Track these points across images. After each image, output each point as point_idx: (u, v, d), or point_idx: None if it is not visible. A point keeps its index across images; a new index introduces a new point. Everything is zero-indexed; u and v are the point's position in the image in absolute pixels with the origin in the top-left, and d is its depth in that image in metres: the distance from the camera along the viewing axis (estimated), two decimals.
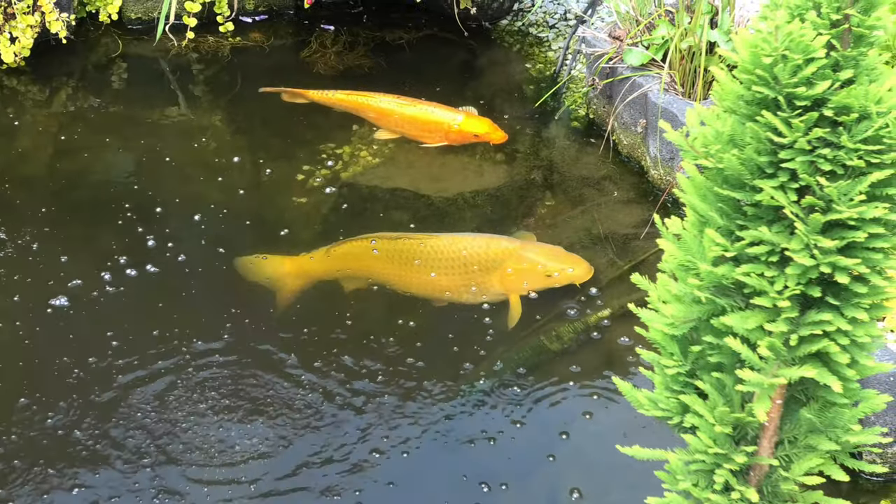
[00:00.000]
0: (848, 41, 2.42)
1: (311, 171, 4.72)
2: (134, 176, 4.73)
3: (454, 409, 3.83)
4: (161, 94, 5.22)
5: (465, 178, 4.79)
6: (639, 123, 4.65)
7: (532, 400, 3.86)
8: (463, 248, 4.27)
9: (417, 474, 3.63)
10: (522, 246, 4.29)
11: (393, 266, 4.27)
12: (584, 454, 3.68)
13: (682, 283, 2.65)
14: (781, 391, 2.67)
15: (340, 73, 5.29)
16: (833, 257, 2.44)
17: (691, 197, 2.59)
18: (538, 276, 4.20)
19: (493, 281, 4.20)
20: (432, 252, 4.27)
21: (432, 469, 3.65)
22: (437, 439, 3.74)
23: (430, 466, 3.66)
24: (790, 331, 2.53)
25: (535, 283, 4.20)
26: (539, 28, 5.48)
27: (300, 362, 3.94)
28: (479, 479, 3.61)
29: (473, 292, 4.19)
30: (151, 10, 5.46)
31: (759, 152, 2.44)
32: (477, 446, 3.71)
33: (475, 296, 4.19)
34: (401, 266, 4.27)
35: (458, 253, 4.25)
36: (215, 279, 4.26)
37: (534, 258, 4.25)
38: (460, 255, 4.25)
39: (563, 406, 3.84)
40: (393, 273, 4.26)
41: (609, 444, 3.15)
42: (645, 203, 4.59)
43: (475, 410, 3.82)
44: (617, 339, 4.02)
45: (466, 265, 4.23)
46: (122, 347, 3.98)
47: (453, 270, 4.22)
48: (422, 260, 4.25)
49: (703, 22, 4.45)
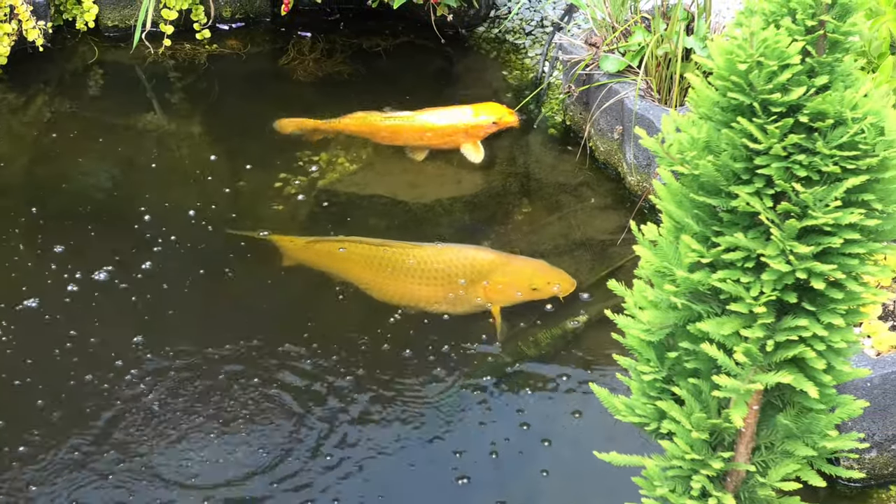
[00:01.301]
0: (823, 47, 2.42)
1: (289, 178, 4.70)
2: (110, 183, 4.71)
3: (432, 416, 3.81)
4: (138, 102, 5.20)
5: (443, 185, 4.78)
6: (615, 130, 4.64)
7: (509, 406, 3.85)
8: (448, 259, 4.26)
9: (394, 479, 3.62)
10: (508, 258, 4.29)
11: (373, 272, 4.26)
12: (562, 459, 3.67)
13: (658, 289, 2.65)
14: (758, 397, 2.67)
15: (320, 80, 5.28)
16: (809, 263, 2.44)
17: (667, 203, 2.58)
18: (522, 289, 4.19)
19: (476, 292, 4.19)
20: (416, 261, 4.25)
21: (409, 474, 3.64)
22: (415, 445, 3.72)
23: (408, 471, 3.65)
24: (766, 336, 2.52)
25: (518, 295, 4.19)
26: (516, 35, 5.47)
27: (278, 367, 3.93)
28: (457, 483, 3.60)
29: (455, 303, 4.17)
30: (128, 17, 5.44)
31: (735, 158, 2.44)
32: (455, 452, 3.70)
33: (456, 307, 4.17)
34: (382, 273, 4.26)
35: (444, 263, 4.24)
36: (192, 285, 4.24)
37: (519, 271, 4.24)
38: (445, 265, 4.24)
39: (541, 412, 3.83)
40: (372, 279, 4.24)
41: (587, 450, 3.14)
42: (622, 209, 4.59)
43: (452, 416, 3.81)
44: (594, 345, 4.02)
45: (451, 276, 4.21)
46: (96, 353, 3.96)
47: (437, 281, 4.21)
48: (405, 268, 4.24)
49: (679, 28, 4.45)
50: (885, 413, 3.49)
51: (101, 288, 4.20)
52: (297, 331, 4.08)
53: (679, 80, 4.46)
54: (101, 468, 3.62)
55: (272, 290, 4.24)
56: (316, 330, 4.09)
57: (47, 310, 4.11)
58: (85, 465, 3.63)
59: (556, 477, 3.63)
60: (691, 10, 4.61)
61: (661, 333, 2.68)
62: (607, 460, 2.86)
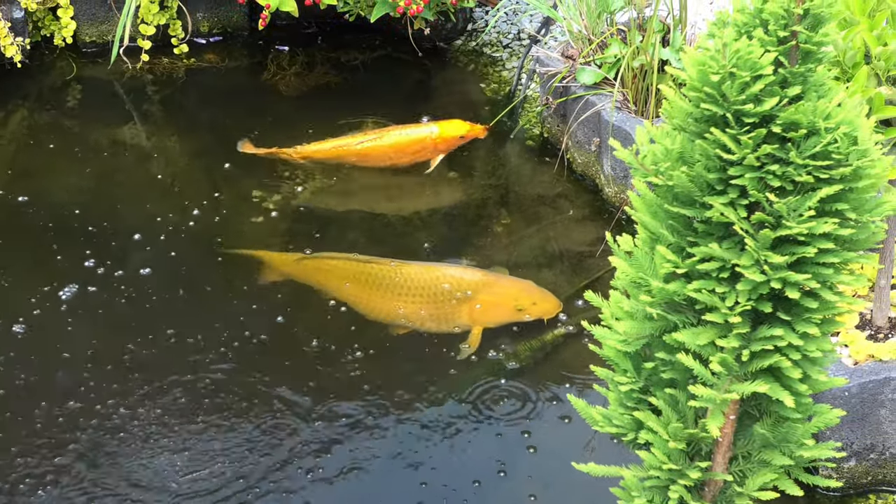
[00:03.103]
0: (796, 58, 2.43)
1: (267, 193, 4.70)
2: (89, 198, 4.70)
3: (412, 428, 3.81)
4: (116, 117, 5.19)
5: (421, 198, 4.77)
6: (592, 142, 4.65)
7: (490, 418, 3.84)
8: (435, 277, 4.25)
9: (374, 493, 3.61)
10: (495, 279, 4.28)
11: (360, 289, 4.25)
12: (541, 471, 3.67)
13: (634, 300, 2.65)
14: (734, 406, 2.67)
15: (300, 94, 5.28)
16: (783, 273, 2.44)
17: (642, 214, 2.58)
18: (508, 310, 4.18)
19: (462, 312, 4.17)
20: (404, 279, 4.24)
21: (389, 486, 3.63)
22: (396, 458, 3.72)
23: (388, 484, 3.64)
24: (742, 346, 2.53)
25: (504, 316, 4.18)
26: (493, 48, 5.48)
27: (260, 382, 3.92)
28: (437, 496, 3.59)
29: (439, 322, 4.16)
30: (106, 32, 5.43)
31: (709, 169, 2.44)
32: (435, 465, 3.69)
33: (441, 325, 4.16)
34: (368, 289, 4.24)
35: (431, 282, 4.23)
36: (172, 301, 4.23)
37: (505, 291, 4.24)
38: (433, 283, 4.23)
39: (520, 423, 3.83)
40: (359, 295, 4.23)
41: (566, 461, 3.14)
42: (600, 220, 4.59)
43: (432, 429, 3.81)
44: (573, 357, 4.02)
45: (437, 294, 4.20)
46: (75, 370, 3.95)
47: (424, 299, 4.20)
48: (392, 286, 4.23)
49: (655, 40, 4.46)
50: (863, 422, 3.49)
51: (78, 302, 4.18)
52: (277, 345, 4.08)
53: (655, 92, 4.47)
54: (78, 485, 3.61)
55: (253, 305, 4.23)
56: (295, 345, 4.09)
57: (26, 324, 4.10)
58: (63, 481, 3.62)
59: (536, 487, 3.62)
60: (667, 22, 4.62)
61: (637, 344, 2.68)
62: (585, 471, 2.86)
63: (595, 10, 4.65)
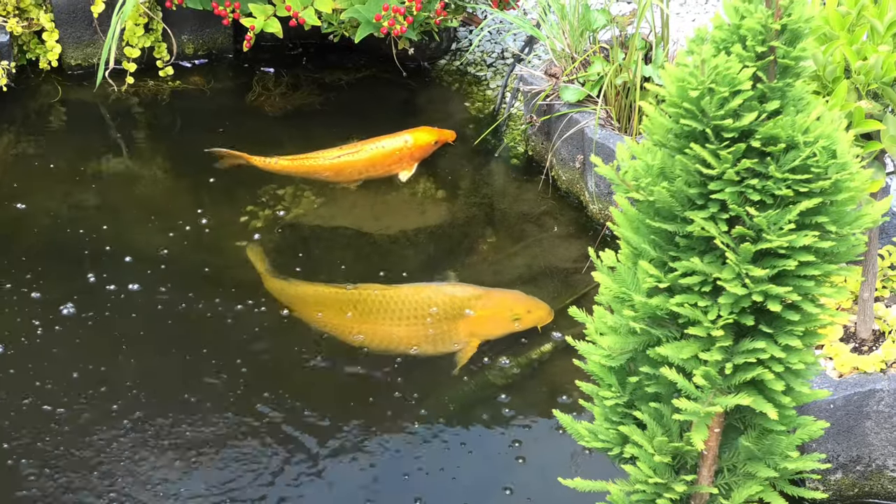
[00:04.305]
0: (774, 73, 2.45)
1: (254, 213, 4.71)
2: (74, 222, 4.70)
3: (401, 445, 3.81)
4: (102, 139, 5.20)
5: (407, 217, 4.79)
6: (577, 159, 4.67)
7: (478, 435, 3.85)
8: (426, 297, 4.25)
9: None
10: (486, 292, 4.29)
11: (348, 318, 4.24)
12: (528, 487, 3.68)
13: (617, 315, 2.67)
14: (719, 419, 2.69)
15: (286, 114, 5.29)
16: (765, 286, 2.46)
17: (624, 230, 2.60)
18: (504, 321, 4.19)
19: (459, 329, 4.18)
20: (394, 303, 4.24)
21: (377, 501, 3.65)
22: (384, 474, 3.72)
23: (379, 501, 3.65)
24: (725, 359, 2.54)
25: (501, 328, 4.19)
26: (477, 67, 5.50)
27: (246, 403, 3.93)
28: None
29: (436, 342, 4.16)
30: (91, 55, 5.44)
31: (689, 184, 2.46)
32: (425, 481, 3.70)
33: (438, 346, 4.16)
34: (357, 316, 4.24)
35: (422, 302, 4.23)
36: (159, 325, 4.23)
37: (499, 303, 4.25)
38: (424, 304, 4.23)
39: (508, 439, 3.84)
40: (347, 323, 4.22)
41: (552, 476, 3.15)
42: (585, 237, 4.61)
43: (421, 446, 3.81)
44: (559, 372, 4.03)
45: (430, 315, 4.20)
46: (61, 394, 3.95)
47: (416, 321, 4.19)
48: (384, 311, 4.23)
49: (637, 58, 4.48)
50: (849, 434, 3.51)
51: (63, 327, 4.19)
52: (263, 365, 4.09)
53: (638, 109, 4.49)
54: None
55: (240, 329, 4.24)
56: (283, 367, 4.10)
57: (8, 350, 4.10)
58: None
59: (520, 501, 3.64)
60: (649, 40, 4.65)
61: (621, 359, 2.70)
62: (572, 486, 2.87)
63: (578, 28, 4.67)
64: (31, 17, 5.33)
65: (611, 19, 4.64)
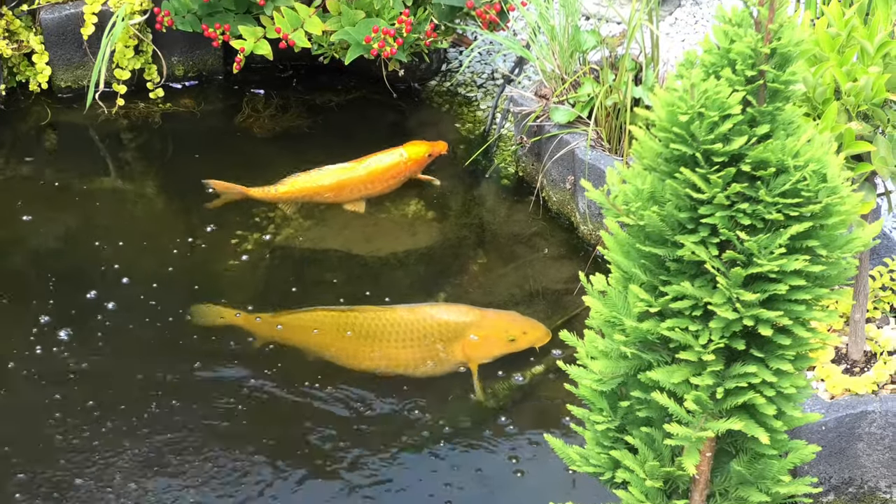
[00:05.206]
0: (764, 96, 2.45)
1: (245, 236, 4.70)
2: (64, 245, 4.69)
3: (390, 470, 3.81)
4: (92, 162, 5.19)
5: (398, 238, 4.78)
6: (567, 180, 4.66)
7: (469, 459, 3.84)
8: (422, 319, 4.24)
9: None
10: (482, 313, 4.28)
11: (343, 341, 4.22)
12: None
13: (608, 339, 2.66)
14: (710, 444, 2.68)
15: (275, 136, 5.28)
16: (755, 310, 2.45)
17: (615, 254, 2.60)
18: (501, 342, 4.18)
19: (455, 351, 4.17)
20: (390, 325, 4.22)
21: None
22: (373, 499, 3.71)
23: None
24: (716, 384, 2.54)
25: (497, 349, 4.18)
26: (467, 88, 5.50)
27: (232, 427, 3.92)
28: None
29: (434, 365, 4.15)
30: (81, 77, 5.43)
31: (679, 208, 2.45)
32: None
33: (435, 368, 4.15)
34: (354, 340, 4.22)
35: (417, 325, 4.21)
36: (148, 348, 4.22)
37: (495, 324, 4.24)
38: (419, 326, 4.21)
39: (499, 463, 3.83)
40: (345, 347, 4.20)
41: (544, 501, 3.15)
42: (576, 258, 4.60)
43: (412, 471, 3.81)
44: (550, 396, 4.02)
45: (427, 336, 4.19)
46: (49, 418, 3.94)
47: (413, 343, 4.18)
48: (378, 333, 4.21)
49: (628, 79, 4.48)
50: (840, 456, 3.51)
51: (52, 353, 4.17)
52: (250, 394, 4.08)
53: (629, 131, 4.49)
54: None
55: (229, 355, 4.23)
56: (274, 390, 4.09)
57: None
58: None
59: None
60: (639, 61, 4.65)
61: (612, 383, 2.69)
62: None
63: (568, 49, 4.67)
64: (21, 39, 5.32)
65: (601, 40, 4.64)
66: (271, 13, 5.04)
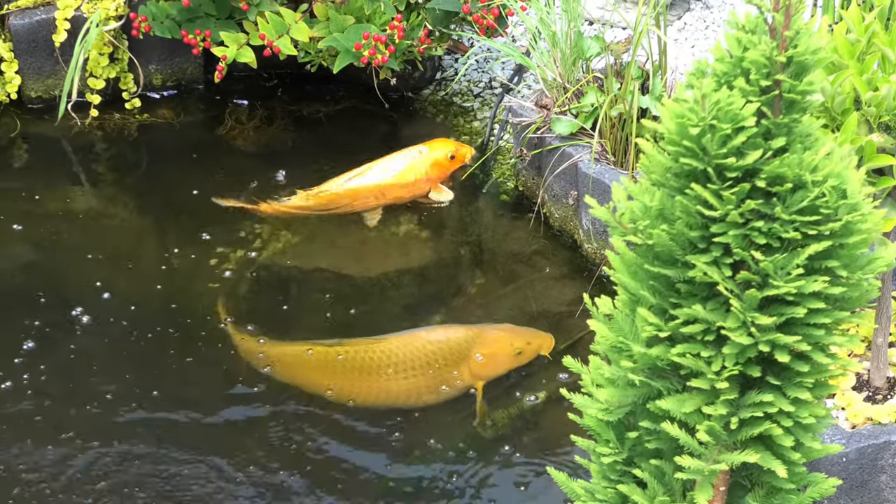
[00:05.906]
0: (779, 108, 2.44)
1: (227, 253, 4.69)
2: (35, 263, 4.69)
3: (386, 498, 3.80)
4: (64, 175, 5.19)
5: (389, 257, 4.78)
6: (570, 195, 4.66)
7: (467, 488, 3.84)
8: (421, 346, 4.22)
9: None
10: (479, 329, 4.28)
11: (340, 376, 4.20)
12: None
13: (615, 366, 2.65)
14: (724, 477, 2.66)
15: (258, 149, 5.29)
16: (772, 335, 2.44)
17: (621, 275, 2.59)
18: (507, 356, 4.19)
19: (462, 372, 4.16)
20: (387, 355, 4.21)
21: None
22: None
23: None
24: (730, 413, 2.52)
25: (505, 364, 4.18)
26: (463, 97, 5.50)
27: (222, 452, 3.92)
28: None
29: (440, 391, 4.15)
30: (52, 87, 5.43)
31: (690, 226, 2.44)
32: None
33: (441, 394, 4.15)
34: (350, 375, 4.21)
35: (417, 352, 4.20)
36: (124, 371, 4.21)
37: (497, 339, 4.24)
38: (420, 353, 4.19)
39: (499, 495, 3.83)
40: (341, 384, 4.18)
41: None
42: (579, 279, 4.60)
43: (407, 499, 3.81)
44: (553, 425, 4.02)
45: (430, 362, 4.18)
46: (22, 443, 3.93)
47: (416, 371, 4.16)
48: (377, 366, 4.20)
49: (634, 88, 4.48)
50: (862, 489, 3.50)
51: (20, 375, 4.17)
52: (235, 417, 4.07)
53: (635, 143, 4.49)
54: None
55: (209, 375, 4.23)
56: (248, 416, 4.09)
57: None
58: None
59: None
60: (646, 69, 4.65)
61: (619, 412, 2.68)
62: None
63: (570, 56, 4.67)
64: None
65: (605, 47, 4.64)
66: (255, 19, 5.04)
